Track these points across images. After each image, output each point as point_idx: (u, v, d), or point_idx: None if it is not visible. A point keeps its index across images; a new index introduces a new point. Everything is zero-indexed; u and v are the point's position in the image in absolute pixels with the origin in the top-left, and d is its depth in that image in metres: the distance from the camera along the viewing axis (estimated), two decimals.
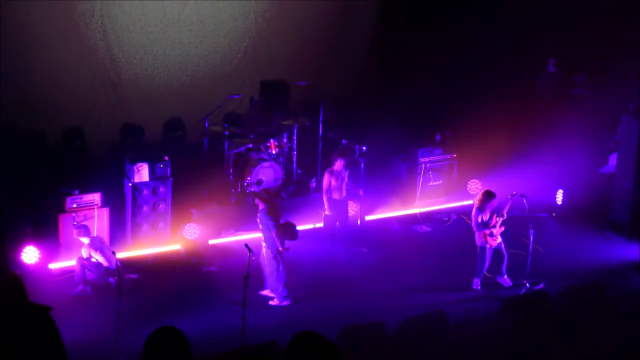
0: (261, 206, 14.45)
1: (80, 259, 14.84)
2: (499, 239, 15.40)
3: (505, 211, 15.25)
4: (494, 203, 15.28)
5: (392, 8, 21.44)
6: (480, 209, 15.26)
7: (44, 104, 18.27)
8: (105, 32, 18.70)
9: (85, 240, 14.87)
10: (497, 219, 15.19)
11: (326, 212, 16.73)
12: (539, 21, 19.99)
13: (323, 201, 16.72)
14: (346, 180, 16.67)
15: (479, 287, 15.57)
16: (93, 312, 14.16)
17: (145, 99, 19.41)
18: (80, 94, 18.76)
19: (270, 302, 14.73)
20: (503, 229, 15.36)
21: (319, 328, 6.12)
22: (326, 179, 16.57)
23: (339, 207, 16.73)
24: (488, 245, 15.33)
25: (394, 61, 21.45)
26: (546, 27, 19.99)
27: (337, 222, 16.80)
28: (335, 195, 16.59)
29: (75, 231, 15.03)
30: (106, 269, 14.79)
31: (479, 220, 15.25)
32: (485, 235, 15.27)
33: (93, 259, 14.82)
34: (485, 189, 15.64)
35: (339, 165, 16.45)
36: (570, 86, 20.40)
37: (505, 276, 15.69)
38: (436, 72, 20.56)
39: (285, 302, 14.62)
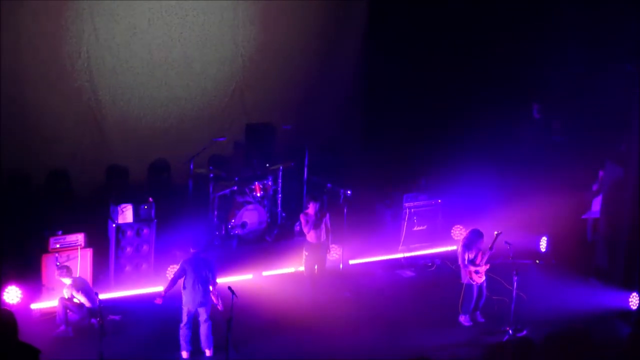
0: (192, 250, 14.20)
1: (62, 299, 14.74)
2: (483, 277, 15.46)
3: (490, 247, 15.32)
4: (481, 243, 15.37)
5: (376, 52, 21.54)
6: (467, 246, 15.36)
7: (28, 145, 18.16)
8: (91, 73, 18.66)
9: (67, 281, 14.79)
10: (483, 257, 15.27)
11: (305, 253, 16.66)
12: (524, 66, 20.10)
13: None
14: (327, 224, 16.55)
15: (470, 323, 15.66)
16: (75, 353, 14.03)
17: (130, 140, 19.35)
18: (66, 135, 18.67)
19: None
20: (488, 266, 15.44)
21: None
22: (301, 220, 16.52)
23: (316, 250, 16.54)
24: (474, 283, 15.40)
25: (379, 105, 21.53)
26: (531, 72, 20.11)
27: (316, 266, 16.75)
28: (311, 239, 16.45)
29: (57, 272, 14.95)
30: (89, 309, 14.69)
31: (465, 257, 15.33)
32: (470, 272, 15.33)
33: (75, 300, 14.73)
34: (473, 227, 15.68)
35: (311, 209, 16.35)
36: (550, 132, 20.49)
37: (478, 312, 15.86)
38: (420, 118, 20.66)
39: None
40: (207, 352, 14.24)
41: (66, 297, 14.76)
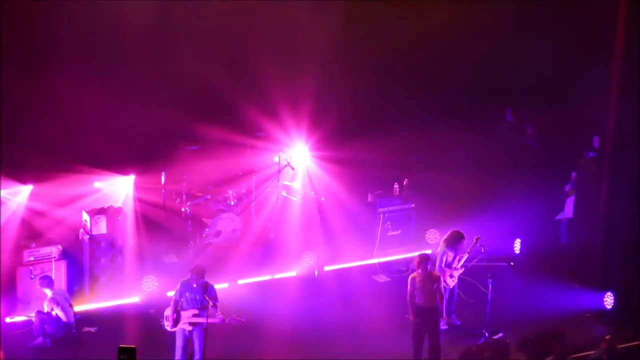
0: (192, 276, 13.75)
1: (40, 312, 14.65)
2: (455, 280, 15.49)
3: (468, 252, 15.36)
4: (462, 244, 15.37)
5: (353, 61, 21.39)
6: (449, 247, 15.34)
7: None
8: None
9: (49, 292, 14.70)
10: (459, 261, 15.31)
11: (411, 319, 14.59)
12: (497, 71, 20.16)
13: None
14: (440, 286, 14.36)
15: (446, 327, 15.62)
16: None
17: None
18: None
19: None
20: (462, 270, 15.47)
21: None
22: (409, 285, 14.29)
23: (426, 316, 14.24)
24: (447, 287, 15.42)
25: (353, 111, 21.46)
26: (503, 77, 20.16)
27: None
28: (420, 301, 14.12)
29: (38, 282, 14.88)
30: (65, 324, 14.59)
31: (444, 259, 15.36)
32: (445, 276, 15.32)
33: (53, 313, 14.62)
34: (455, 229, 15.67)
35: (422, 269, 14.23)
36: (524, 136, 20.56)
37: (454, 315, 15.88)
38: (394, 123, 20.63)
39: None
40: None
41: (45, 310, 14.67)
